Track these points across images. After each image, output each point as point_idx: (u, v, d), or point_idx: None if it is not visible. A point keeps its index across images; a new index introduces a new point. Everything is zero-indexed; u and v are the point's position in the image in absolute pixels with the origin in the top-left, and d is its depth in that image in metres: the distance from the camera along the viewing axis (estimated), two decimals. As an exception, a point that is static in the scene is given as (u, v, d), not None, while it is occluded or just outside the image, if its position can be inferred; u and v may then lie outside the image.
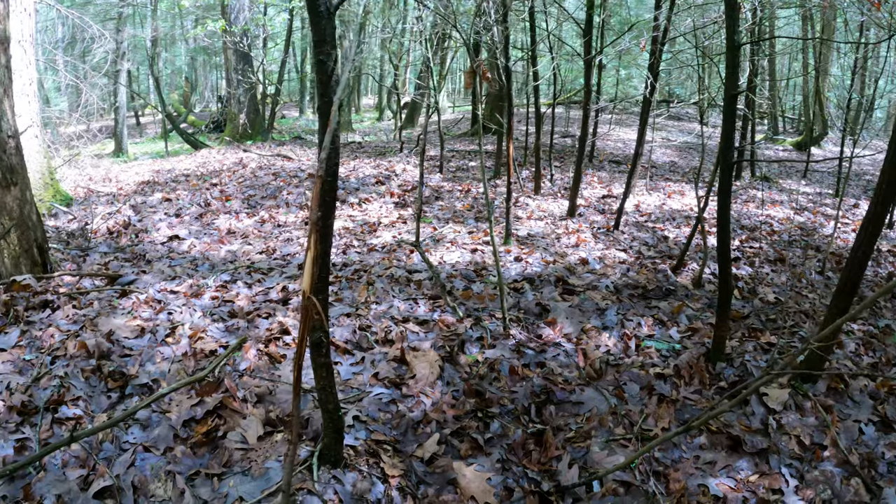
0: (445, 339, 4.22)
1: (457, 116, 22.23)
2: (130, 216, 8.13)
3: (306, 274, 0.94)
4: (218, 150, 15.14)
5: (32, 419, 3.19)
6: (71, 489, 2.74)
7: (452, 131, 17.83)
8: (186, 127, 20.48)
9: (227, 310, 4.64)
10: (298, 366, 1.45)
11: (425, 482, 3.04)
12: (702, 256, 5.92)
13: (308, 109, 29.69)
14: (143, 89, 31.78)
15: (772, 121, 21.30)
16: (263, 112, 18.28)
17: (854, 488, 3.04)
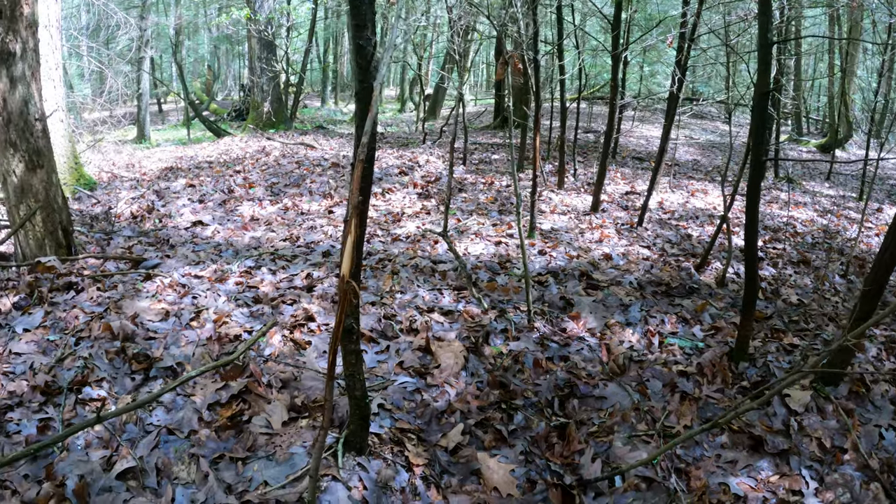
0: (470, 330, 4.22)
1: (479, 109, 22.18)
2: (154, 201, 8.17)
3: (346, 257, 0.93)
4: (240, 138, 15.19)
5: (56, 399, 3.22)
6: (94, 469, 2.75)
7: (475, 124, 17.79)
8: (208, 115, 20.57)
9: (252, 295, 4.66)
10: (333, 350, 1.45)
11: (449, 472, 3.04)
12: (725, 255, 5.88)
13: (330, 99, 29.77)
14: (166, 77, 31.99)
15: (796, 121, 21.10)
16: (286, 101, 18.33)
17: (874, 493, 3.02)
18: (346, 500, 2.68)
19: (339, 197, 8.54)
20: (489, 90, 32.18)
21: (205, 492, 2.71)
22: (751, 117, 3.79)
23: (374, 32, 2.19)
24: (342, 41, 31.68)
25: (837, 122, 16.57)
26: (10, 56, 4.50)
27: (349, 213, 0.85)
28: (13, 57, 4.52)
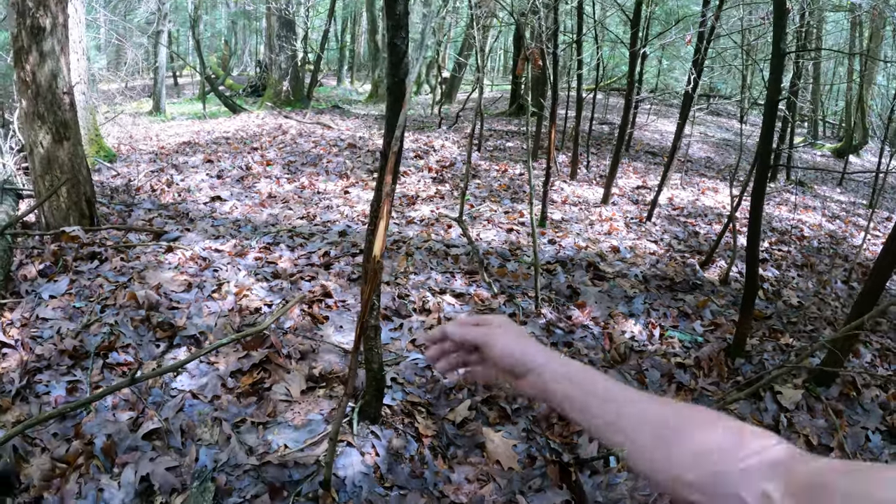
0: (480, 313, 4.39)
1: (495, 95, 22.21)
2: (173, 175, 8.33)
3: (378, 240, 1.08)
4: (257, 115, 15.31)
5: (83, 363, 3.37)
6: (121, 430, 2.90)
7: (490, 110, 17.86)
8: (224, 90, 20.64)
9: (271, 271, 4.83)
10: (361, 323, 1.62)
11: (455, 444, 3.22)
12: (730, 255, 6.01)
13: (346, 79, 29.79)
14: (183, 50, 32.05)
15: (812, 125, 21.04)
16: (303, 79, 18.41)
17: None
18: (360, 464, 2.87)
19: (354, 178, 8.69)
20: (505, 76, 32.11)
21: (227, 452, 2.87)
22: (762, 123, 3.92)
23: (407, 32, 2.36)
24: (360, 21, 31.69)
25: (853, 128, 16.55)
26: (40, 31, 4.64)
27: (382, 199, 0.99)
28: (43, 32, 4.65)
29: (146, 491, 2.64)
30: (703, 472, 0.75)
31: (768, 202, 10.01)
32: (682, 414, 0.83)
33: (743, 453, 0.74)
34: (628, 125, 8.27)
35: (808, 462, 0.70)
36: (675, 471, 0.77)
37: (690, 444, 0.78)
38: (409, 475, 2.94)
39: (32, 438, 2.81)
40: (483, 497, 2.94)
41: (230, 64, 28.23)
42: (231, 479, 2.77)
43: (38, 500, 2.56)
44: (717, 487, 0.73)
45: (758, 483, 0.70)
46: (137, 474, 2.67)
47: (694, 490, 0.75)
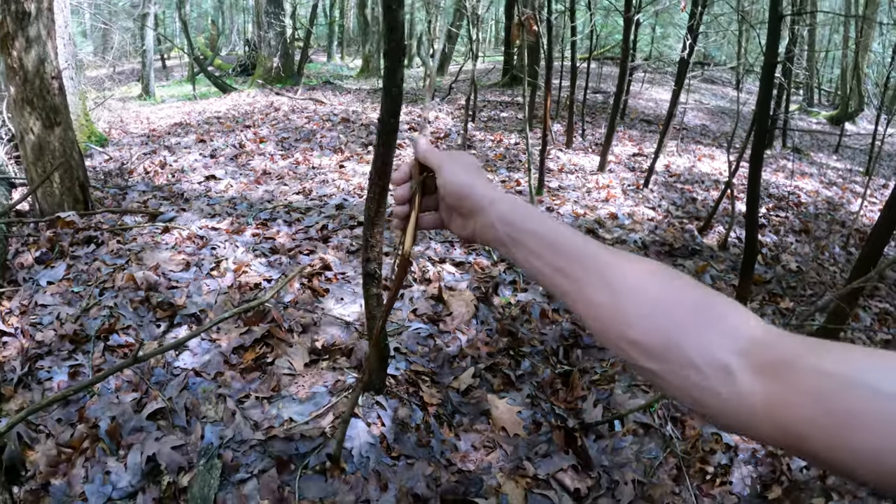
0: (480, 281, 4.38)
1: (487, 66, 22.08)
2: (166, 156, 8.27)
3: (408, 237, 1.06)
4: (247, 93, 15.20)
5: (84, 347, 3.35)
6: (125, 411, 2.89)
7: (483, 81, 17.75)
8: (213, 70, 20.46)
9: (269, 246, 4.81)
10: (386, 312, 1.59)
11: (460, 411, 3.23)
12: (728, 220, 6.01)
13: (336, 54, 29.58)
14: (170, 32, 31.75)
15: (807, 92, 20.96)
16: (293, 56, 18.27)
17: None
18: (366, 435, 2.87)
19: (349, 152, 8.64)
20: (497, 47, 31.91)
21: (232, 428, 2.87)
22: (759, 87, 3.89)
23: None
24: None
25: (849, 95, 16.49)
26: (26, 16, 4.56)
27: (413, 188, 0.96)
28: (28, 17, 4.58)
29: (153, 471, 2.65)
30: (654, 332, 0.66)
31: (765, 169, 9.98)
32: (641, 266, 0.73)
33: (706, 317, 0.65)
34: (623, 93, 8.19)
35: (783, 338, 0.61)
36: (623, 327, 0.68)
37: (643, 297, 0.68)
38: (415, 444, 2.94)
39: (37, 425, 2.81)
40: (490, 464, 2.95)
41: (218, 44, 27.90)
42: (237, 454, 2.77)
43: (45, 486, 2.56)
44: (671, 352, 0.64)
45: (719, 353, 0.61)
46: (143, 455, 2.67)
47: (645, 354, 0.66)
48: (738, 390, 0.60)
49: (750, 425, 0.59)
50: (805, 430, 0.54)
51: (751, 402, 0.59)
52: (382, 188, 2.50)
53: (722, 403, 0.61)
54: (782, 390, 0.56)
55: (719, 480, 3.02)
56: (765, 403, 0.58)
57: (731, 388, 0.60)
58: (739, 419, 0.60)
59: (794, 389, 0.55)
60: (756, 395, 0.58)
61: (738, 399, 0.60)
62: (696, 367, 0.62)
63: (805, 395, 0.54)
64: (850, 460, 0.51)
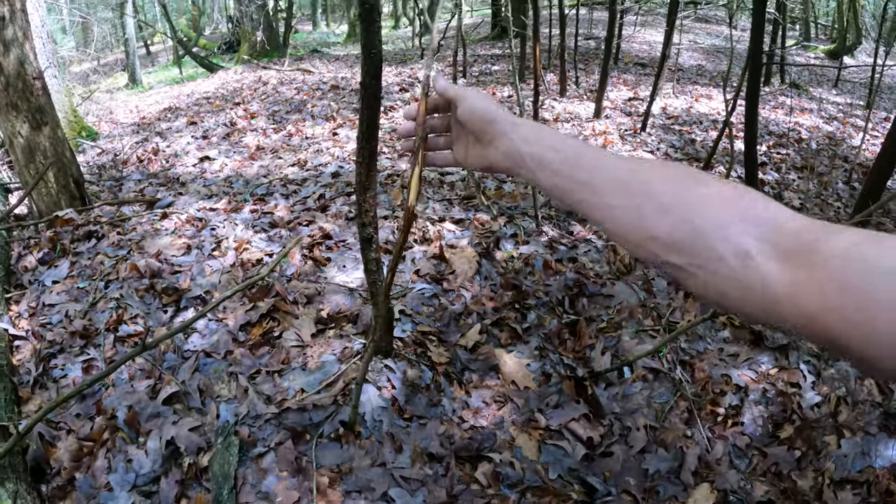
0: (481, 237, 4.36)
1: (476, 21, 21.79)
2: (158, 142, 8.23)
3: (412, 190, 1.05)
4: (234, 70, 15.05)
5: (95, 341, 3.38)
6: (140, 399, 2.92)
7: (472, 36, 17.54)
8: (198, 51, 20.26)
9: (268, 221, 4.80)
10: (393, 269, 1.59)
11: (469, 369, 3.24)
12: (728, 160, 5.95)
13: (321, 22, 29.25)
14: (150, 17, 31.37)
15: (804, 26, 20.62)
16: (277, 28, 18.07)
17: (867, 388, 3.18)
18: (378, 398, 2.89)
19: (341, 119, 8.57)
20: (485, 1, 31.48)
21: (246, 405, 2.90)
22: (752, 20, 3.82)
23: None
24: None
25: (846, 29, 16.23)
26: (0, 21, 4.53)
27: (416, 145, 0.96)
28: (3, 21, 4.52)
29: (173, 454, 2.68)
30: (677, 226, 0.66)
31: (764, 106, 9.89)
32: (660, 168, 0.75)
33: (729, 206, 0.64)
34: (614, 37, 8.07)
35: (809, 225, 0.60)
36: (648, 228, 0.69)
37: (664, 195, 0.69)
38: (426, 404, 2.96)
39: (56, 423, 2.84)
40: (502, 418, 2.97)
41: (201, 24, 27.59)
42: (254, 429, 2.80)
43: (70, 481, 2.60)
44: (694, 243, 0.64)
45: (738, 237, 0.61)
46: (163, 440, 2.71)
47: (668, 248, 0.66)
48: (761, 277, 0.59)
49: (773, 312, 0.59)
50: (830, 319, 0.53)
51: (774, 289, 0.58)
52: (370, 152, 2.47)
53: (744, 291, 0.60)
54: (807, 278, 0.56)
55: (731, 421, 3.04)
56: (789, 291, 0.57)
57: (754, 274, 0.59)
58: (763, 307, 0.59)
59: (819, 276, 0.55)
60: (780, 282, 0.58)
61: (762, 286, 0.59)
62: (718, 255, 0.62)
63: (830, 282, 0.53)
64: (875, 347, 0.50)
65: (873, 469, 2.79)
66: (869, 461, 2.83)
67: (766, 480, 2.77)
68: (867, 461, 2.83)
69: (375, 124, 2.43)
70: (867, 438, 2.93)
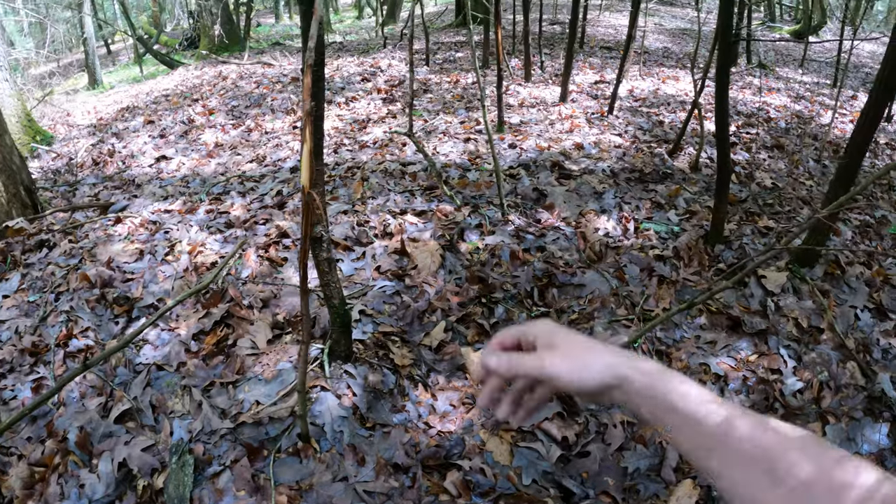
0: (444, 228, 4.19)
1: (440, 9, 21.59)
2: (114, 143, 7.97)
3: (304, 168, 0.89)
4: (195, 66, 14.74)
5: (45, 357, 3.24)
6: (92, 418, 2.79)
7: (436, 24, 17.35)
8: (160, 48, 19.87)
9: (224, 221, 4.61)
10: (304, 263, 1.42)
11: (435, 369, 3.08)
12: (698, 140, 5.84)
13: (284, 14, 28.89)
14: (110, 16, 30.74)
15: (768, 7, 20.68)
16: (238, 21, 17.73)
17: (850, 371, 3.12)
18: (337, 407, 2.72)
19: (302, 111, 8.35)
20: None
21: (200, 420, 2.75)
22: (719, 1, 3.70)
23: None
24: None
25: (811, 9, 16.28)
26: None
27: (303, 122, 0.82)
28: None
29: (126, 477, 2.55)
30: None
31: (732, 86, 9.83)
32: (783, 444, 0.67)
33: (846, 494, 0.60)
34: (578, 19, 7.92)
35: None
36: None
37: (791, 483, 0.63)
38: (390, 411, 2.80)
39: (7, 448, 2.72)
40: (471, 421, 2.82)
41: (162, 20, 27.08)
42: (209, 446, 2.66)
43: (23, 510, 2.46)
44: None
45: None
46: (115, 461, 2.58)
47: None
48: None
49: None
50: None
51: None
52: (316, 144, 2.30)
53: None
54: None
55: (711, 413, 2.91)
56: None
57: None
58: None
59: None
60: None
61: None
62: None
63: None
64: None
65: (860, 455, 2.68)
66: (855, 447, 2.75)
67: (749, 473, 2.64)
68: (853, 448, 2.75)
69: (320, 114, 2.25)
70: (852, 424, 2.85)
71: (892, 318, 3.53)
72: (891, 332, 3.42)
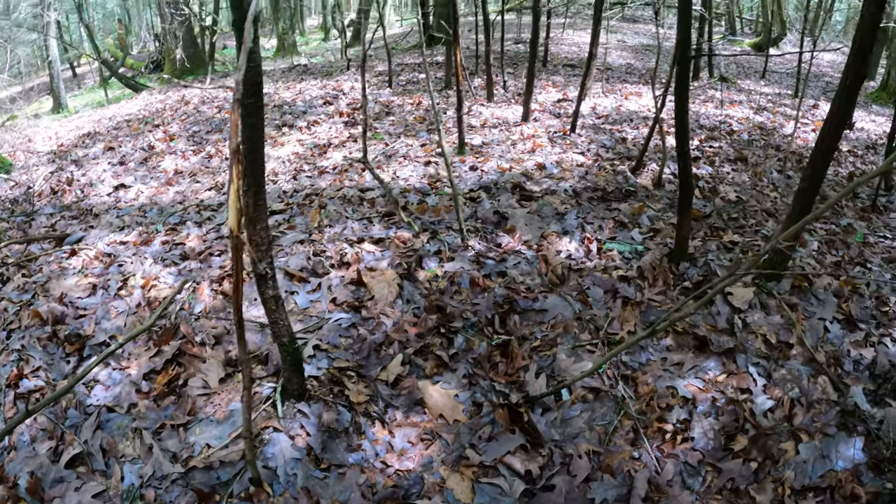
0: (402, 256, 4.11)
1: (405, 30, 21.63)
2: (73, 171, 7.81)
3: (231, 210, 0.83)
4: (159, 90, 14.59)
5: (-4, 400, 3.13)
6: (42, 463, 2.72)
7: (401, 45, 17.34)
8: (126, 71, 19.68)
9: (179, 253, 4.50)
10: (238, 308, 1.35)
11: (392, 405, 3.00)
12: (661, 156, 5.84)
13: (250, 38, 28.79)
14: (76, 39, 30.43)
15: (729, 21, 21.02)
16: (203, 45, 17.60)
17: (821, 386, 3.07)
18: (290, 449, 2.64)
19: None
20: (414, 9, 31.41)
21: (151, 464, 2.67)
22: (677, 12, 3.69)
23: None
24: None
25: (771, 21, 16.55)
26: None
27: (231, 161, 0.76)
28: None
29: (78, 526, 2.45)
30: None
31: (694, 100, 9.94)
32: None
33: None
34: (539, 37, 7.91)
35: None
36: None
37: None
38: (345, 450, 2.72)
39: None
40: (430, 458, 2.74)
41: (128, 42, 26.85)
42: (160, 492, 2.58)
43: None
44: None
45: None
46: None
47: None
48: None
49: None
50: None
51: None
52: (255, 178, 2.23)
53: None
54: None
55: (680, 437, 2.87)
56: None
57: None
58: None
59: None
60: None
61: None
62: None
63: None
64: None
65: (835, 472, 2.65)
66: (830, 464, 2.70)
67: (723, 498, 2.60)
68: (828, 465, 2.70)
69: (258, 147, 2.18)
70: (826, 440, 2.79)
71: (861, 329, 3.50)
72: (861, 343, 3.39)
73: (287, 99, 10.42)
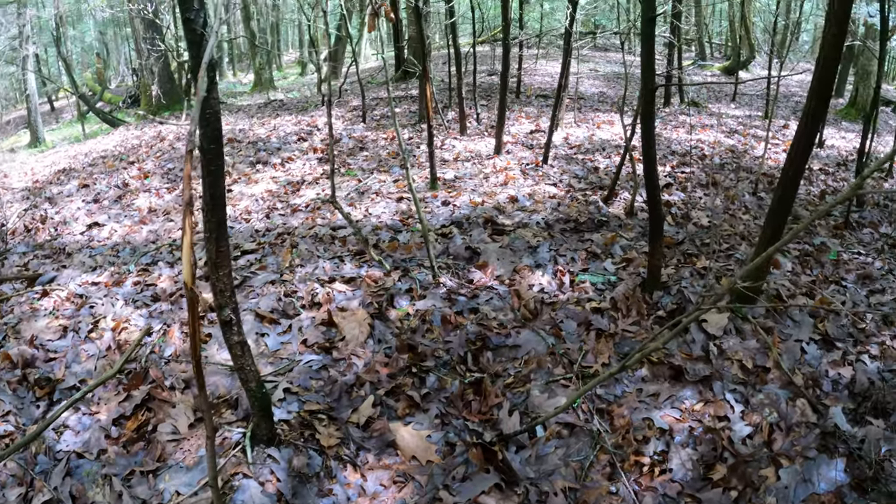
0: (374, 296, 4.11)
1: (380, 64, 21.77)
2: (47, 209, 7.76)
3: (185, 264, 0.83)
4: (135, 126, 14.55)
5: (-35, 446, 3.06)
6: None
7: (377, 79, 17.44)
8: (103, 105, 19.60)
9: (150, 294, 4.47)
10: (197, 360, 1.35)
11: (364, 447, 2.98)
12: (633, 185, 5.89)
13: (228, 72, 28.86)
14: (54, 72, 30.35)
15: (699, 47, 21.38)
16: (179, 81, 17.61)
17: (800, 409, 3.06)
18: (260, 495, 2.61)
19: (237, 174, 8.20)
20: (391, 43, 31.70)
21: (120, 513, 2.61)
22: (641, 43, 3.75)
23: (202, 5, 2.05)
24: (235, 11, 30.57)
25: (739, 45, 16.86)
26: None
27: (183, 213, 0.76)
28: None
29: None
30: None
31: (665, 126, 10.05)
32: None
33: None
34: (510, 69, 8.01)
35: None
36: None
37: None
38: (317, 495, 2.70)
39: None
40: (404, 501, 2.72)
41: (107, 77, 26.81)
42: None
43: None
44: None
45: None
46: None
47: None
48: None
49: None
50: None
51: None
52: (217, 223, 2.24)
53: None
54: None
55: (658, 469, 2.87)
56: None
57: None
58: None
59: None
60: None
61: None
62: None
63: None
64: None
65: (818, 496, 2.65)
66: (812, 488, 2.69)
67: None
68: (810, 488, 2.68)
69: (219, 193, 2.19)
70: (807, 464, 2.78)
71: (839, 348, 3.51)
72: (839, 362, 3.40)
73: (262, 135, 10.41)
